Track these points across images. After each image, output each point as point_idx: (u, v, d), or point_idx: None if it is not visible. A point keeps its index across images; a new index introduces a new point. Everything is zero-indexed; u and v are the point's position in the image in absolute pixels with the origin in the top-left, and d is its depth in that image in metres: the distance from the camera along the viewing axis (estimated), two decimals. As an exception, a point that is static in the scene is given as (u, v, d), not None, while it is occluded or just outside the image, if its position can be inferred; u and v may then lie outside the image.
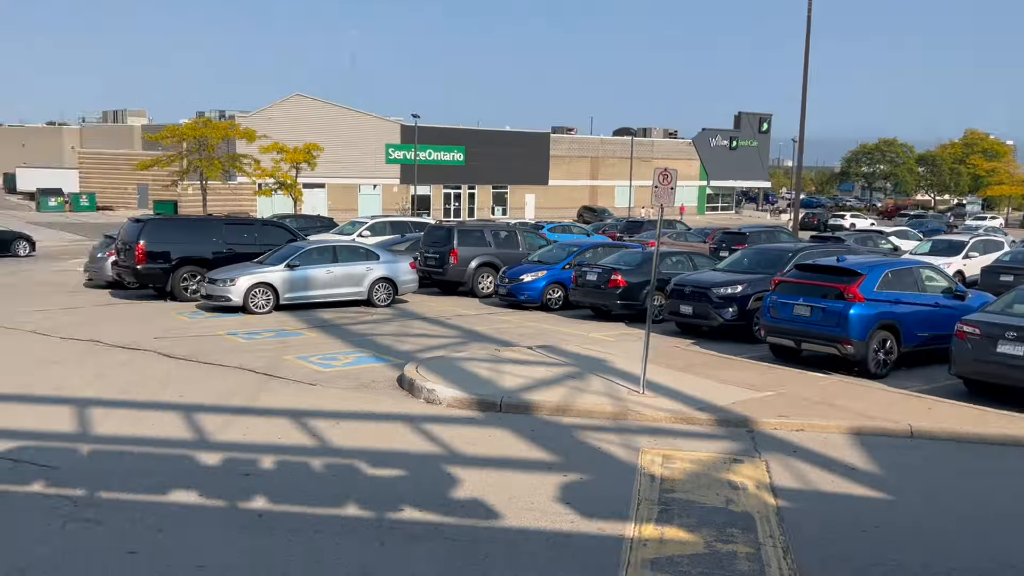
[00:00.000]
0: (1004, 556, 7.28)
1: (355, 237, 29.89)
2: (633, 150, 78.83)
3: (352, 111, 65.58)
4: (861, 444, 10.45)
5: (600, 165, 79.96)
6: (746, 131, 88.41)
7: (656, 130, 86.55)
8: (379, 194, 66.35)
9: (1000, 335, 12.05)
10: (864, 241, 30.55)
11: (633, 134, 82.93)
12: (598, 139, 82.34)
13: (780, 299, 14.73)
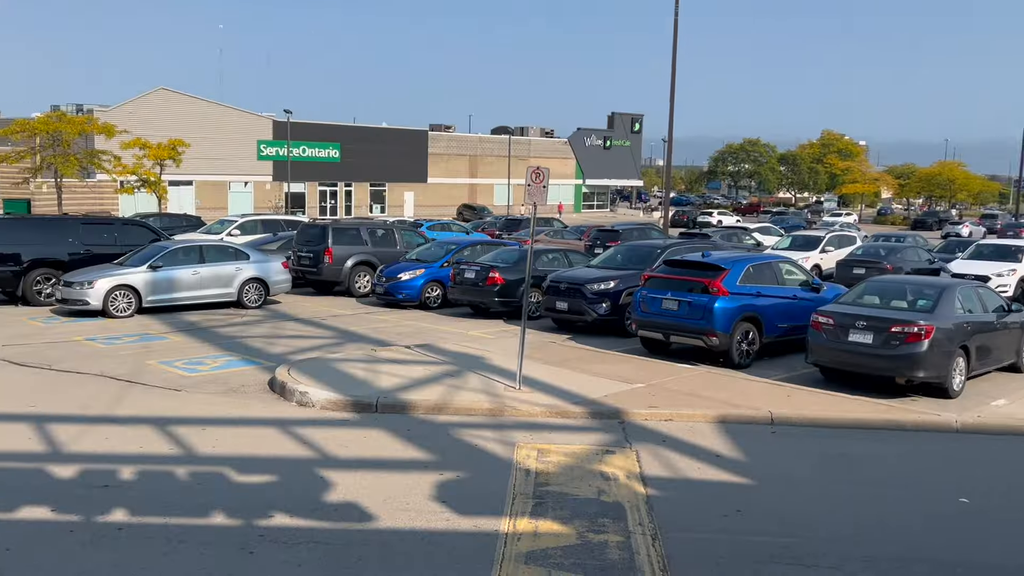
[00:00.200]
0: (859, 533, 7.74)
1: (224, 236, 28.87)
2: (511, 149, 79.47)
3: (221, 106, 63.31)
4: (726, 432, 10.89)
5: (479, 163, 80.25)
6: (619, 131, 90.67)
7: (533, 129, 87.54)
8: (251, 192, 64.32)
9: (851, 325, 12.80)
10: (729, 237, 31.86)
11: (511, 133, 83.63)
12: (476, 137, 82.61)
13: (650, 294, 15.16)
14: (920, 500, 8.73)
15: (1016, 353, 14.30)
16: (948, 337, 12.42)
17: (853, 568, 6.92)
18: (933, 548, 7.42)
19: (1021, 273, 24.39)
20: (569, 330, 17.83)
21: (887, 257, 26.07)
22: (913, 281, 14.87)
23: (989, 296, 14.35)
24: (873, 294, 13.99)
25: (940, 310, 12.78)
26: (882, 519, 8.07)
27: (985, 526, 8.06)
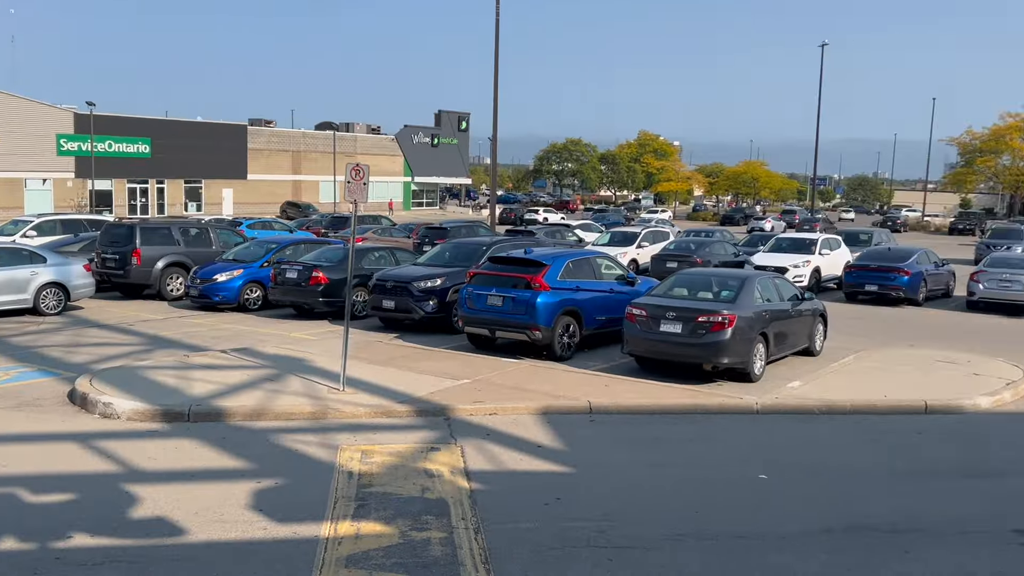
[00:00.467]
0: (670, 513, 8.14)
1: (17, 238, 26.56)
2: (336, 145, 77.90)
3: (13, 96, 58.15)
4: (548, 423, 11.16)
5: (303, 159, 78.13)
6: (447, 129, 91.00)
7: (359, 125, 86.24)
8: (50, 190, 59.51)
9: (662, 316, 13.45)
10: (552, 234, 32.72)
11: (336, 128, 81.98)
12: (300, 133, 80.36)
13: (475, 290, 15.31)
14: (724, 479, 9.30)
15: (809, 338, 15.54)
16: (749, 325, 13.31)
17: (665, 547, 7.27)
18: (735, 522, 7.91)
19: (815, 264, 26.51)
20: (396, 329, 17.70)
21: (697, 251, 27.63)
22: (717, 273, 15.83)
23: (785, 286, 15.51)
24: (682, 286, 14.78)
25: (741, 300, 13.68)
26: (690, 499, 8.54)
27: (781, 500, 8.69)
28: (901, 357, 15.51)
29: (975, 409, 12.33)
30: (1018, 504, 8.61)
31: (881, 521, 7.99)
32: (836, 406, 12.16)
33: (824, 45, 61.00)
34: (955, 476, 9.60)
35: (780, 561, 7.06)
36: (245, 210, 64.55)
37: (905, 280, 23.41)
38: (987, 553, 7.35)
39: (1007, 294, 22.20)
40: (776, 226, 58.37)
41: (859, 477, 9.40)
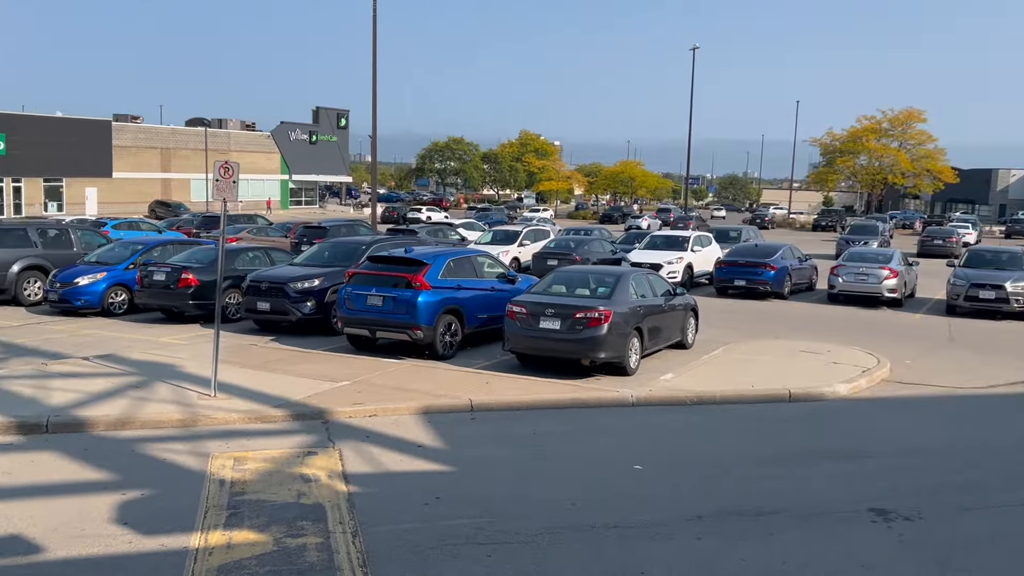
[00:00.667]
0: (548, 507, 8.24)
1: None
2: (208, 142, 75.20)
3: None
4: (429, 422, 11.12)
5: (173, 157, 75.06)
6: (325, 126, 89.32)
7: (232, 122, 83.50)
8: None
9: (541, 313, 13.63)
10: (435, 233, 32.62)
11: (208, 125, 79.11)
12: (169, 129, 77.20)
13: (355, 291, 15.09)
14: (601, 471, 9.50)
15: (682, 331, 16.07)
16: (624, 320, 13.65)
17: (543, 540, 7.37)
18: (611, 513, 8.09)
19: (688, 260, 27.45)
20: (273, 331, 17.24)
21: (576, 249, 28.12)
22: (594, 271, 16.17)
23: (658, 282, 15.99)
24: (560, 284, 15.01)
25: (617, 296, 14.01)
26: (568, 492, 8.68)
27: (655, 489, 8.95)
28: (767, 348, 16.25)
29: (834, 396, 13.04)
30: (873, 484, 9.16)
31: (748, 506, 8.34)
32: (707, 397, 12.62)
33: (695, 49, 63.21)
34: (816, 460, 10.13)
35: (652, 549, 7.28)
36: (110, 210, 61.45)
37: (771, 275, 24.54)
38: (844, 531, 7.79)
39: (863, 287, 23.61)
40: (652, 224, 60.09)
41: (728, 464, 9.78)
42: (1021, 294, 21.42)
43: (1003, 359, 16.33)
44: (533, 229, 34.63)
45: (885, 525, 7.92)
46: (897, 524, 7.94)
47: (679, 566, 6.95)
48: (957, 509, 8.42)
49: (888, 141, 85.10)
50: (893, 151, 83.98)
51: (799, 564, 7.04)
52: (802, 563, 7.06)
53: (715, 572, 6.87)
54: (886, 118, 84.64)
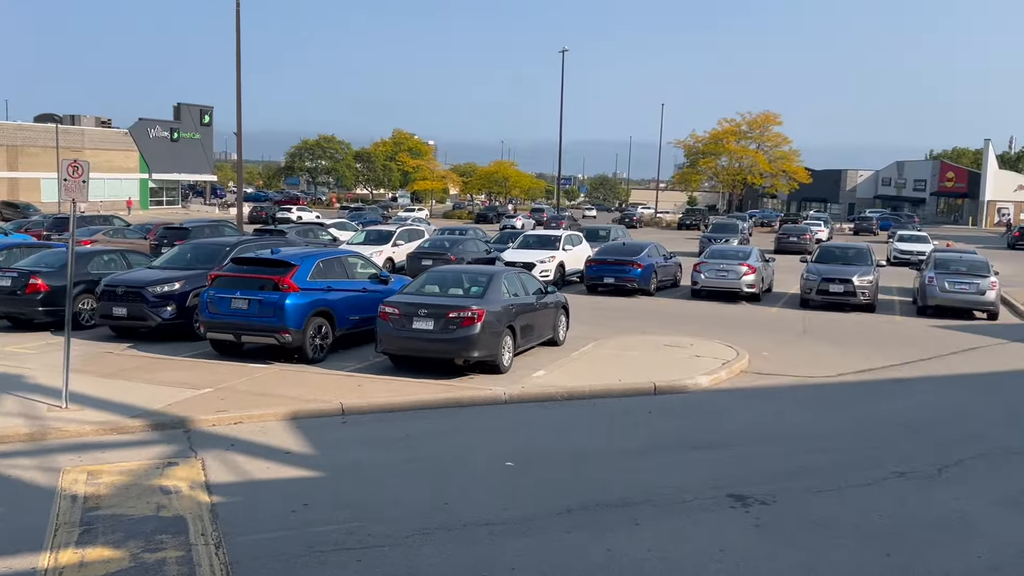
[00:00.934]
0: (420, 508, 8.20)
1: None
2: (60, 139, 70.86)
3: None
4: (298, 428, 10.87)
5: (20, 155, 70.31)
6: (187, 123, 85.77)
7: (86, 118, 78.95)
8: None
9: (414, 313, 13.56)
10: (305, 233, 31.89)
11: (59, 121, 74.57)
12: (15, 125, 72.32)
13: (218, 294, 14.56)
14: (474, 469, 9.55)
15: (553, 329, 16.34)
16: (497, 319, 13.76)
17: (414, 542, 7.33)
18: (483, 510, 8.14)
19: (559, 259, 27.92)
20: (131, 338, 16.43)
21: (451, 249, 28.10)
22: (467, 270, 16.22)
23: (530, 281, 16.20)
24: (433, 283, 14.99)
25: (489, 295, 14.11)
26: (441, 492, 8.67)
27: (526, 485, 9.06)
28: (634, 343, 16.74)
29: (696, 387, 13.57)
30: (733, 471, 9.58)
31: (615, 497, 8.57)
32: (576, 392, 12.89)
33: (564, 51, 64.40)
34: (680, 450, 10.51)
35: (523, 544, 7.37)
36: (-51, 211, 57.00)
37: (638, 272, 25.30)
38: (705, 517, 8.12)
39: (724, 283, 24.67)
40: (526, 224, 60.82)
41: (597, 457, 10.02)
42: (867, 287, 22.90)
43: (851, 349, 17.43)
44: (407, 229, 34.39)
45: (743, 510, 8.31)
46: (754, 508, 8.35)
47: (548, 559, 7.06)
48: (808, 492, 8.92)
49: (747, 143, 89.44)
50: (752, 153, 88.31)
51: (663, 551, 7.29)
52: (666, 550, 7.31)
53: (584, 563, 7.02)
54: (745, 121, 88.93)
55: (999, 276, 23.10)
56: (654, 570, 6.92)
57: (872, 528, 7.90)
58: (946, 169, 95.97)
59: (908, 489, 9.08)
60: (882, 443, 10.87)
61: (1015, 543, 7.65)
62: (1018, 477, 9.61)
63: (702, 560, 7.12)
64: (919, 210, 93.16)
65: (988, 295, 21.97)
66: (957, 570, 7.05)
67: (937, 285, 22.31)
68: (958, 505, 8.59)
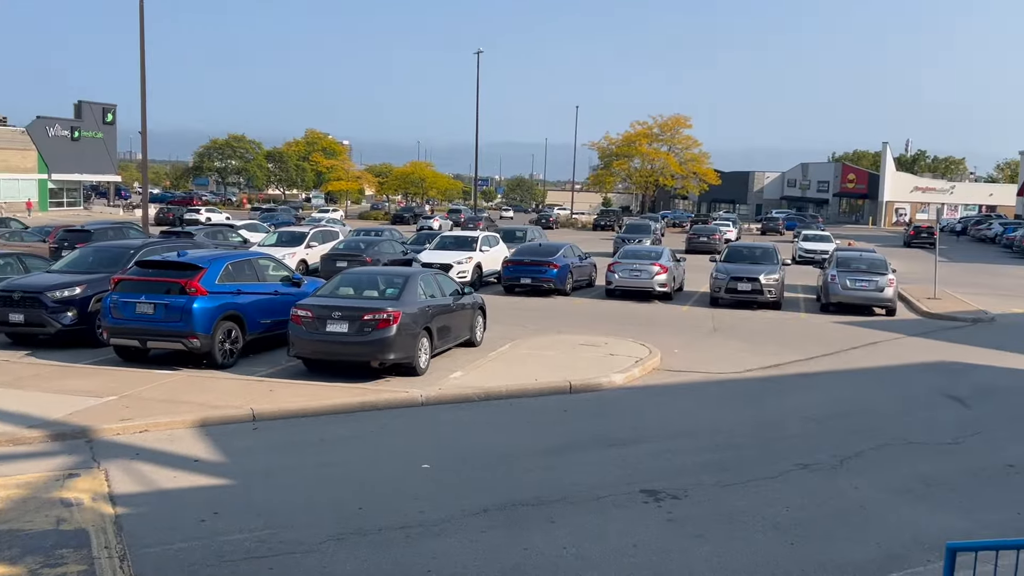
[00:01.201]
0: (333, 513, 8.08)
1: None
2: (-50, 137, 67.27)
3: None
4: (207, 435, 10.59)
5: (-96, 153, 66.45)
6: (89, 122, 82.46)
7: (-21, 115, 75.21)
8: None
9: (328, 316, 13.37)
10: (214, 235, 31.08)
11: (-53, 118, 70.78)
12: (-101, 122, 68.29)
13: (121, 298, 14.06)
14: (390, 472, 9.47)
15: (470, 330, 16.35)
16: (414, 320, 13.68)
17: (327, 548, 7.23)
18: (398, 514, 8.08)
19: (477, 260, 27.94)
20: (29, 345, 15.70)
21: (366, 250, 27.80)
22: (382, 272, 16.08)
23: (447, 282, 16.17)
24: (348, 285, 14.81)
25: (405, 297, 14.02)
26: (355, 496, 8.58)
27: (443, 487, 9.04)
28: (551, 343, 16.89)
29: (611, 385, 13.78)
30: (646, 467, 9.77)
31: (531, 496, 8.64)
32: (493, 392, 12.93)
33: (479, 53, 64.50)
34: (594, 447, 10.65)
35: (439, 546, 7.35)
36: None
37: (554, 273, 25.54)
38: (619, 513, 8.25)
39: (637, 282, 25.12)
40: (443, 225, 60.67)
41: (513, 457, 10.08)
42: (773, 286, 23.66)
43: (758, 345, 17.98)
44: (321, 230, 33.86)
45: (656, 505, 8.48)
46: (666, 503, 8.53)
47: (465, 560, 7.07)
48: (717, 485, 9.16)
49: (659, 145, 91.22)
50: (663, 155, 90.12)
51: (578, 548, 7.38)
52: (581, 547, 7.40)
53: (500, 563, 7.05)
54: (656, 124, 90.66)
55: (897, 274, 24.17)
56: (569, 567, 7.00)
57: (778, 519, 8.17)
58: (847, 171, 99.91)
59: (812, 480, 9.42)
60: (788, 436, 11.25)
61: (911, 530, 8.02)
62: (914, 466, 10.08)
63: (616, 556, 7.24)
64: (823, 210, 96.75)
65: (887, 292, 22.97)
66: (858, 558, 7.35)
67: (839, 283, 23.21)
68: (858, 495, 8.95)
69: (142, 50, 29.60)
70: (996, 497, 9.06)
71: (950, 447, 10.96)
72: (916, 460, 10.34)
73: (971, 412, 12.91)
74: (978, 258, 46.48)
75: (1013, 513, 8.56)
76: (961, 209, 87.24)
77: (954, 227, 71.11)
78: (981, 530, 8.02)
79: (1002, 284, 32.79)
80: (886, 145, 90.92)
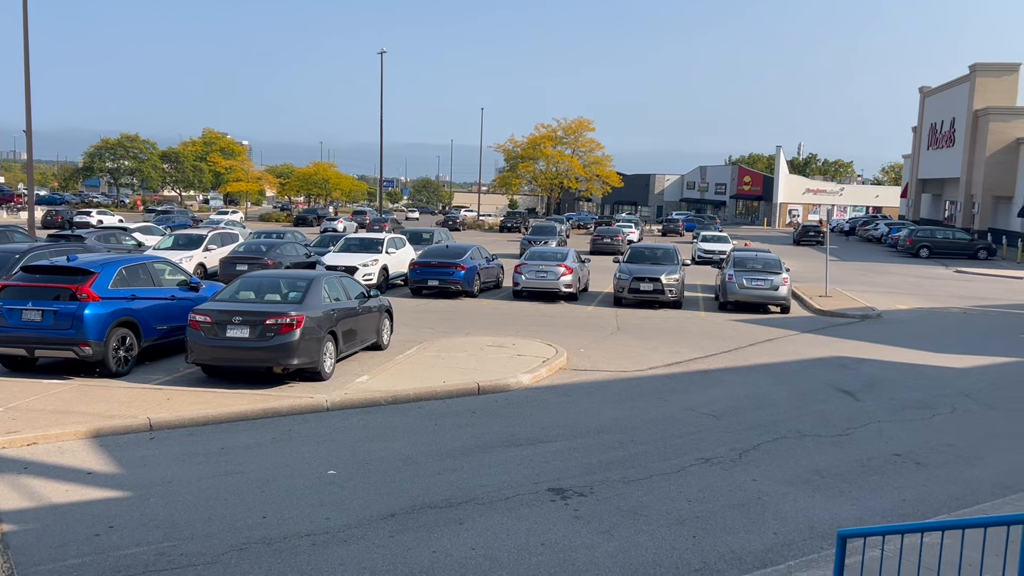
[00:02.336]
0: (233, 523, 7.88)
1: None
2: None
3: None
4: (101, 446, 10.17)
5: None
6: (-31, 118, 78.06)
7: None
8: None
9: (228, 321, 13.02)
10: (107, 239, 29.83)
11: None
12: None
13: (7, 305, 13.35)
14: (295, 479, 9.29)
15: (377, 333, 16.20)
16: (318, 324, 13.46)
17: (230, 559, 7.05)
18: (304, 521, 7.95)
19: (383, 263, 27.68)
20: (-99, 356, 14.73)
21: (268, 253, 27.19)
22: (285, 275, 15.76)
23: (352, 285, 15.97)
24: (248, 289, 14.46)
25: (309, 300, 13.78)
26: (259, 505, 8.39)
27: (349, 492, 8.92)
28: (459, 345, 16.89)
29: (519, 386, 13.88)
30: (553, 466, 9.88)
31: (439, 499, 8.62)
32: (401, 396, 12.84)
33: (383, 53, 63.89)
34: (502, 448, 10.70)
35: (345, 552, 7.27)
36: None
37: (462, 275, 25.55)
38: (527, 512, 8.32)
39: (543, 283, 25.38)
40: (348, 226, 59.85)
41: (421, 460, 10.03)
42: (674, 285, 24.27)
43: (660, 344, 18.41)
44: (220, 232, 32.93)
45: (563, 503, 8.59)
46: (573, 501, 8.65)
47: (373, 566, 7.00)
48: (622, 482, 9.35)
49: (563, 148, 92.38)
50: (567, 157, 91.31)
51: (486, 549, 7.41)
52: (489, 547, 7.43)
53: (408, 567, 7.01)
54: (560, 127, 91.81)
55: (790, 272, 25.15)
56: (478, 568, 7.02)
57: (680, 513, 8.40)
58: (743, 174, 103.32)
59: (712, 474, 9.72)
60: (689, 432, 11.57)
61: (805, 519, 8.37)
62: (808, 458, 10.51)
63: (524, 555, 7.30)
64: (720, 212, 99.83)
65: (781, 290, 23.87)
66: (756, 547, 7.63)
67: (736, 282, 24.00)
68: (756, 487, 9.28)
69: (26, 45, 28.19)
70: (884, 485, 9.54)
71: (841, 438, 11.48)
72: (810, 452, 10.78)
73: (860, 404, 13.54)
74: (866, 257, 48.79)
75: (899, 499, 9.04)
76: (850, 210, 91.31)
77: (843, 227, 74.40)
78: (872, 516, 8.44)
79: (888, 282, 34.53)
80: (779, 149, 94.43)
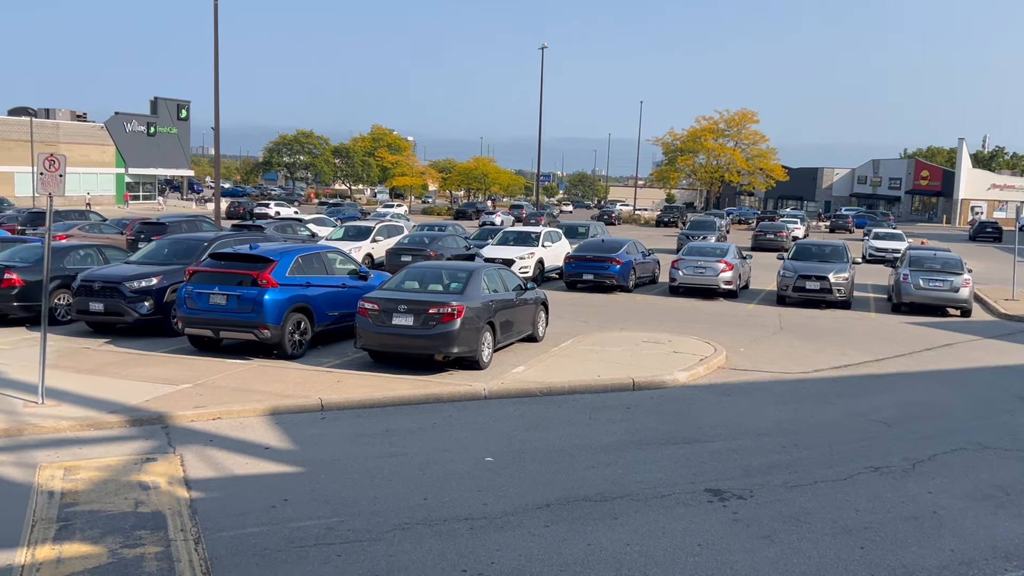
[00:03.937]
0: (399, 503, 8.21)
1: None
2: (35, 133, 69.96)
3: None
4: (277, 423, 10.85)
5: (-7, 148, 69.38)
6: (164, 117, 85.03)
7: (62, 111, 78.03)
8: None
9: (394, 309, 13.56)
10: (284, 229, 31.72)
11: (33, 115, 73.60)
12: (-12, 118, 71.30)
13: (196, 289, 14.49)
14: (453, 464, 9.56)
15: (533, 325, 16.39)
16: (477, 315, 13.79)
17: (393, 537, 7.36)
18: (462, 506, 8.18)
19: (539, 256, 27.97)
20: (108, 333, 16.31)
21: (430, 245, 28.07)
22: (447, 266, 16.22)
23: (510, 277, 16.23)
24: (413, 279, 14.99)
25: (469, 291, 14.13)
26: (420, 487, 8.70)
27: (505, 480, 9.10)
28: (613, 339, 16.83)
29: (675, 383, 13.67)
30: (710, 466, 9.68)
31: (593, 492, 8.64)
32: (556, 388, 12.95)
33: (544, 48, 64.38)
34: (658, 445, 10.59)
35: (502, 538, 7.41)
36: (-80, 204, 56.13)
37: (617, 269, 25.42)
38: (683, 512, 8.20)
39: (701, 279, 24.85)
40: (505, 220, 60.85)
41: (575, 452, 10.08)
42: (843, 284, 23.15)
43: (826, 345, 17.62)
44: (387, 225, 34.30)
45: (721, 504, 8.40)
46: (731, 503, 8.44)
47: (527, 553, 7.11)
48: (784, 486, 9.03)
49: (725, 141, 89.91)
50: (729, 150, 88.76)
51: (641, 545, 7.35)
52: (644, 544, 7.38)
53: (563, 557, 7.07)
54: (722, 119, 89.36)
55: (972, 274, 23.41)
56: (633, 564, 6.99)
57: (847, 522, 8.02)
58: (921, 167, 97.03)
59: (882, 484, 9.22)
60: (857, 438, 11.01)
61: (986, 537, 7.79)
62: (989, 472, 9.78)
63: (680, 554, 7.19)
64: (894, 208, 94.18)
65: (962, 292, 22.27)
66: (930, 564, 7.17)
67: (912, 282, 22.59)
68: (931, 500, 8.73)
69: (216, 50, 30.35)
70: (1078, 506, 8.73)
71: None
72: (992, 466, 10.02)
73: (1051, 418, 12.45)
74: (1060, 259, 44.63)
75: (1096, 523, 8.25)
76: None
77: (1035, 226, 68.46)
78: (1062, 540, 7.75)
79: (1086, 286, 31.44)
80: (962, 141, 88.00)
